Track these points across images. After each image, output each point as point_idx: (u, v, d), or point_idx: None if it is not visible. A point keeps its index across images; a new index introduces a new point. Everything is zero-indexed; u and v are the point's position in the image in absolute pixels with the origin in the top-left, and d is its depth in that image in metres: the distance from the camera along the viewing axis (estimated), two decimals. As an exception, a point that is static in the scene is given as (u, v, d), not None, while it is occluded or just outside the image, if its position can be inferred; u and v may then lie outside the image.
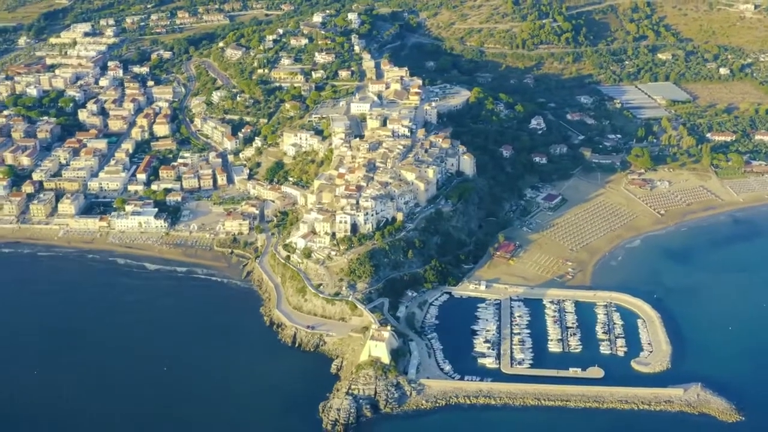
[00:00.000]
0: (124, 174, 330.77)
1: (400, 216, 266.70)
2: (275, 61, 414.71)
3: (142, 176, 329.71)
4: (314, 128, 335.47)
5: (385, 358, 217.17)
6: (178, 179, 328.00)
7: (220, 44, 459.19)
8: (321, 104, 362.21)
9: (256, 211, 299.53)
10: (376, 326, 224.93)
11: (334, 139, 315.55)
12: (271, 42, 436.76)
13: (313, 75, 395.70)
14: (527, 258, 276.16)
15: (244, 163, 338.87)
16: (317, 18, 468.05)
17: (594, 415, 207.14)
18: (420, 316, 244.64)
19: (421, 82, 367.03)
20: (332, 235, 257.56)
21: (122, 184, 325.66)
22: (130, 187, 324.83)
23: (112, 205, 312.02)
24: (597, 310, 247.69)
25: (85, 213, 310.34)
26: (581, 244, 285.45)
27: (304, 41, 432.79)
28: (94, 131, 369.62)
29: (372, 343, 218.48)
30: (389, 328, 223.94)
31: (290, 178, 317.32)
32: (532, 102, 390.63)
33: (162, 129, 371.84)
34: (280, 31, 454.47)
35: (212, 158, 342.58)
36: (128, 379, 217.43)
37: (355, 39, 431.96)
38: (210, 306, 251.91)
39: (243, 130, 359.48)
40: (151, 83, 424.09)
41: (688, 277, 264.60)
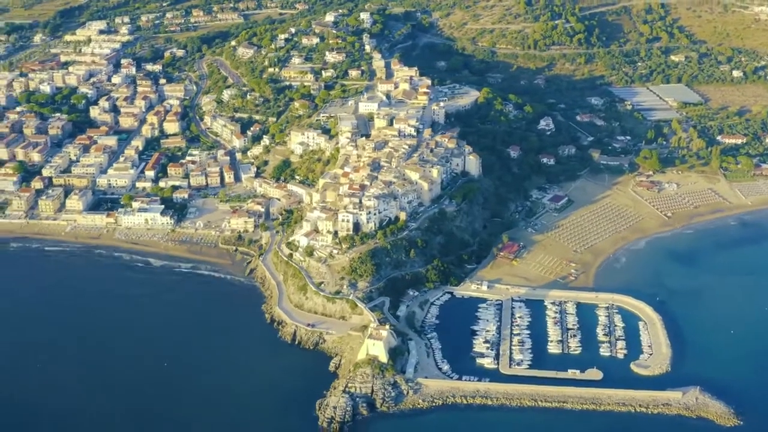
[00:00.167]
0: (133, 171, 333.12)
1: (403, 215, 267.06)
2: (286, 60, 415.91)
3: (150, 173, 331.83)
4: (322, 127, 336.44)
5: (382, 357, 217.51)
6: (186, 176, 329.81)
7: (233, 43, 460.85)
8: (330, 103, 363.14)
9: (262, 209, 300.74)
10: (374, 325, 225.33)
11: (340, 138, 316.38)
12: (283, 41, 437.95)
13: (323, 74, 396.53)
14: (531, 259, 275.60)
15: (252, 161, 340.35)
16: (329, 17, 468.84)
17: (591, 417, 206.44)
18: (420, 316, 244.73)
19: (430, 82, 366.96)
20: (334, 233, 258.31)
21: (130, 181, 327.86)
22: (138, 184, 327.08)
23: (120, 202, 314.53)
24: (598, 311, 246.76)
25: (93, 209, 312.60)
26: (586, 245, 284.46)
27: (315, 40, 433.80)
28: (105, 128, 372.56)
29: (370, 342, 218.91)
30: (387, 327, 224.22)
31: (297, 177, 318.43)
32: (542, 103, 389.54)
33: (172, 126, 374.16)
34: (292, 30, 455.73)
35: (220, 156, 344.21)
36: (128, 374, 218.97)
37: (366, 38, 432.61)
38: (212, 303, 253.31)
39: (252, 128, 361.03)
40: (163, 81, 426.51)
41: (693, 280, 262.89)
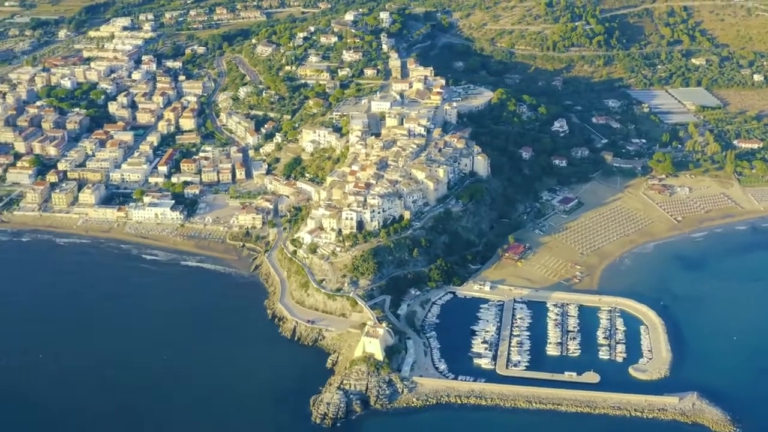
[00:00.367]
0: (146, 166, 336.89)
1: (408, 214, 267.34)
2: (303, 59, 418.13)
3: (163, 168, 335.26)
4: (333, 125, 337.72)
5: (378, 355, 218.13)
6: (198, 172, 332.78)
7: (253, 41, 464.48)
8: (343, 102, 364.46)
9: (270, 206, 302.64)
10: (371, 323, 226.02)
11: (350, 136, 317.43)
12: (301, 39, 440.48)
13: (339, 73, 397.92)
14: (536, 260, 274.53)
15: (264, 158, 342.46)
16: (349, 16, 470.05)
17: (585, 419, 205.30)
18: (421, 315, 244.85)
19: (444, 82, 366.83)
20: (338, 231, 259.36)
21: (144, 176, 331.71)
22: (151, 179, 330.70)
23: (132, 196, 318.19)
24: (600, 314, 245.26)
25: (106, 203, 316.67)
26: (592, 248, 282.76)
27: (333, 39, 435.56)
28: (122, 124, 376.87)
29: (366, 340, 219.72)
30: (384, 325, 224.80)
31: (307, 174, 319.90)
32: (558, 104, 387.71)
33: (188, 123, 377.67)
34: (312, 28, 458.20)
35: (233, 153, 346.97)
36: (125, 366, 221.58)
37: (384, 38, 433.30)
38: (215, 297, 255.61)
39: (266, 125, 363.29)
40: (182, 78, 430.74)
41: (699, 285, 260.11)
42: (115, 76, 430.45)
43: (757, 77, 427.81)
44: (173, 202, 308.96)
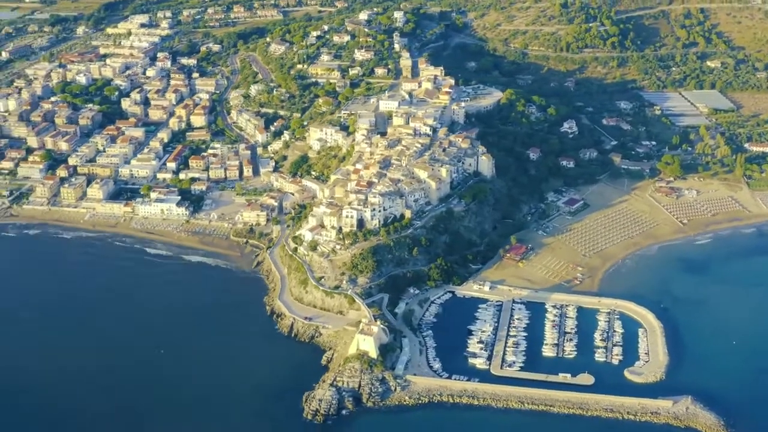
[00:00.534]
0: (155, 162, 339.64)
1: (409, 213, 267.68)
2: (315, 57, 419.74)
3: (172, 165, 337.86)
4: (341, 124, 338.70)
5: (372, 353, 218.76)
6: (206, 169, 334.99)
7: (267, 39, 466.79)
8: (352, 101, 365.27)
9: (275, 203, 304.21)
10: (366, 320, 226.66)
11: (356, 135, 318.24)
12: (314, 38, 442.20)
13: (350, 72, 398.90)
14: (537, 261, 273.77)
15: (272, 156, 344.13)
16: (363, 15, 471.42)
17: (577, 421, 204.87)
18: (419, 314, 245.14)
19: (454, 82, 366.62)
20: (339, 229, 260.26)
21: (152, 172, 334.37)
22: (160, 175, 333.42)
23: (140, 192, 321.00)
24: (599, 316, 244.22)
25: (114, 198, 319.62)
26: (595, 249, 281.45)
27: (346, 38, 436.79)
28: (133, 120, 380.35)
29: (360, 337, 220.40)
30: (379, 323, 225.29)
31: (313, 172, 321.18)
32: (569, 105, 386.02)
33: (198, 120, 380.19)
34: (325, 27, 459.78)
35: (242, 150, 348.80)
36: (122, 359, 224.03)
37: (396, 37, 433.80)
38: (215, 293, 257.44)
39: (275, 123, 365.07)
40: (196, 75, 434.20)
41: (700, 289, 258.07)
42: (129, 72, 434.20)
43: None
44: (179, 198, 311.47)
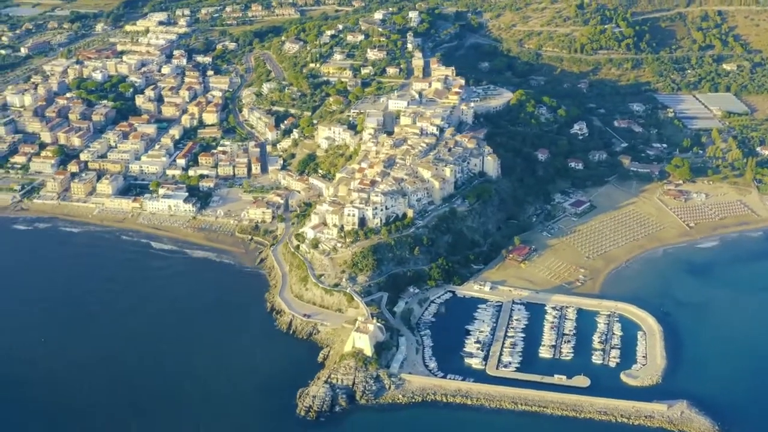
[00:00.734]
0: (165, 158, 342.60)
1: (411, 213, 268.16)
2: (328, 56, 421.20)
3: (181, 161, 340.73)
4: (349, 123, 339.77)
5: (367, 351, 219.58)
6: (215, 166, 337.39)
7: (282, 38, 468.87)
8: (362, 100, 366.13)
9: (281, 201, 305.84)
10: (362, 318, 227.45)
11: (364, 134, 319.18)
12: (328, 37, 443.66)
13: (362, 71, 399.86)
14: (540, 262, 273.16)
15: (281, 154, 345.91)
16: (378, 15, 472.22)
17: (570, 423, 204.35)
18: (418, 313, 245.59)
19: (464, 82, 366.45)
20: (340, 227, 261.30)
21: (162, 168, 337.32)
22: (169, 172, 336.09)
23: (149, 188, 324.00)
24: (599, 319, 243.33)
25: (123, 194, 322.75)
26: (599, 251, 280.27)
27: (360, 37, 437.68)
28: (146, 116, 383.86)
29: (356, 335, 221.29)
30: (375, 322, 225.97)
31: (320, 171, 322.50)
32: (581, 107, 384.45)
33: (210, 117, 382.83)
34: (340, 26, 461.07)
35: (251, 147, 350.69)
36: (121, 354, 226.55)
37: (410, 37, 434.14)
38: (218, 289, 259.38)
39: (285, 122, 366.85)
40: (210, 73, 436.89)
41: (703, 292, 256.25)
42: (145, 69, 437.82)
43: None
44: (187, 194, 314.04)
